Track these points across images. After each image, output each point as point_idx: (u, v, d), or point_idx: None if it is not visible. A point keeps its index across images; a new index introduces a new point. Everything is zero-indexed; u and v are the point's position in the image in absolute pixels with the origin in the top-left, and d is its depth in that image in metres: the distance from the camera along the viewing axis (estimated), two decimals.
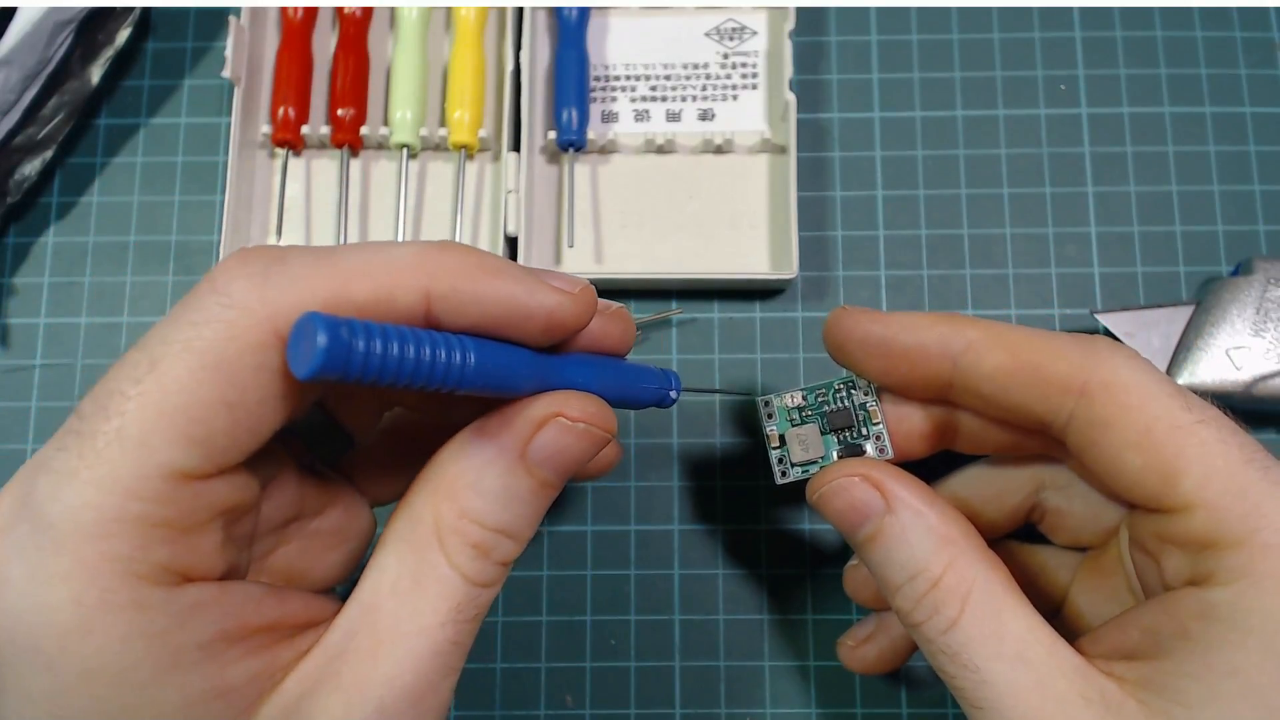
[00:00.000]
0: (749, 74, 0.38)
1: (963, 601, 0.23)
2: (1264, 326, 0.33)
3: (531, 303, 0.21)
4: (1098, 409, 0.23)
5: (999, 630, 0.22)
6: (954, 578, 0.23)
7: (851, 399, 0.28)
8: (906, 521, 0.24)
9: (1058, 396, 0.23)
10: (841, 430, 0.28)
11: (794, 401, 0.28)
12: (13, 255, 0.38)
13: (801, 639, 0.34)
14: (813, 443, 0.28)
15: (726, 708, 0.33)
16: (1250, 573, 0.21)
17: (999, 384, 0.24)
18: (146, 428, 0.18)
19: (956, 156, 0.38)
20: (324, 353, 0.16)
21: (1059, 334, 0.24)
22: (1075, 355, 0.23)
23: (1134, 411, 0.22)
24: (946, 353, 0.25)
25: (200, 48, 0.39)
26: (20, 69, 0.35)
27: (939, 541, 0.24)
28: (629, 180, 0.37)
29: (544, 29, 0.38)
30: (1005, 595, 0.23)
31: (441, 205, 0.37)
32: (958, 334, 0.24)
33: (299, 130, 0.37)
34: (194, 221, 0.38)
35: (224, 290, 0.19)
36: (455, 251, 0.20)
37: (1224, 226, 0.37)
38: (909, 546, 0.24)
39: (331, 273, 0.19)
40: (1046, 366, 0.23)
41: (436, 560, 0.21)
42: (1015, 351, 0.24)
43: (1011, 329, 0.24)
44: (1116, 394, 0.23)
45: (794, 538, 0.34)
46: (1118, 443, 0.23)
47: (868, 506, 0.25)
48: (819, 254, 0.37)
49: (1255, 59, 0.38)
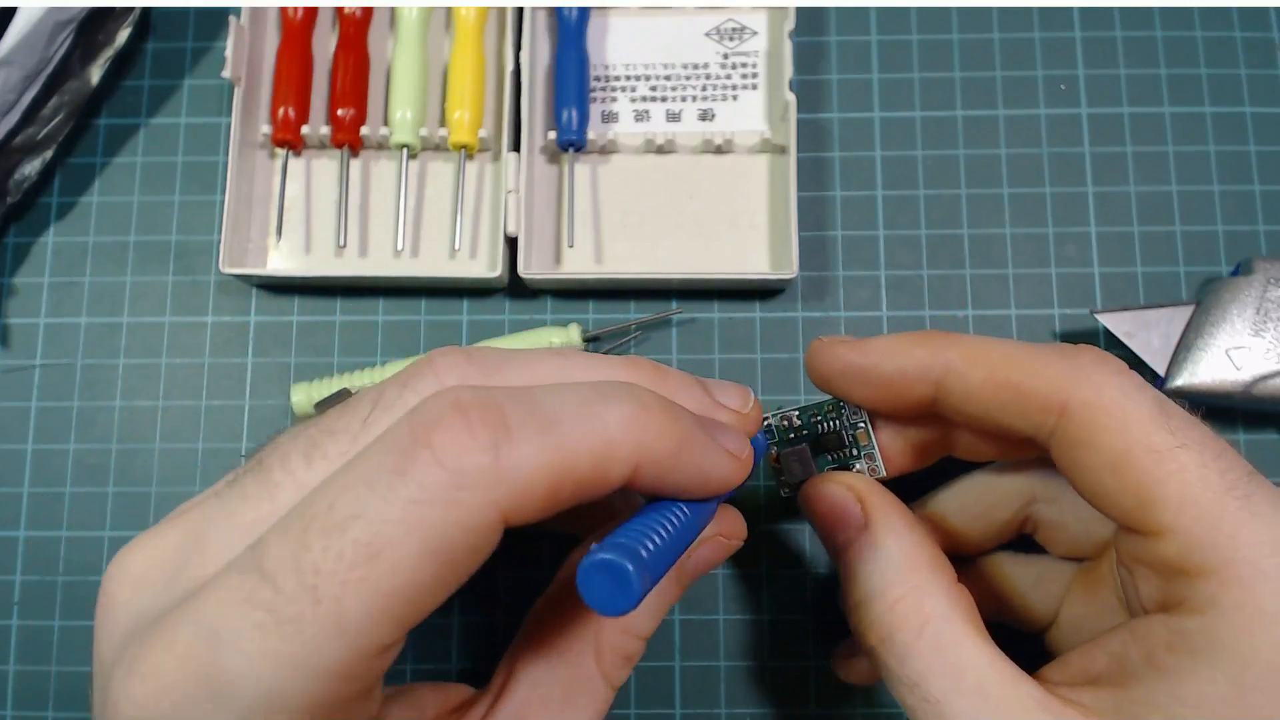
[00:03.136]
0: (749, 74, 0.38)
1: (918, 631, 0.23)
2: (1264, 326, 0.33)
3: (714, 477, 0.21)
4: (1076, 429, 0.23)
5: (958, 662, 0.22)
6: (911, 605, 0.23)
7: (842, 420, 0.28)
8: (879, 539, 0.25)
9: (1038, 415, 0.23)
10: (834, 451, 0.28)
11: (788, 423, 0.29)
12: (13, 255, 0.38)
13: (802, 639, 0.34)
14: (806, 462, 0.28)
15: (726, 708, 0.33)
16: (1220, 603, 0.20)
17: (981, 404, 0.24)
18: (364, 614, 0.17)
19: (956, 156, 0.38)
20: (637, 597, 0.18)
21: (1042, 348, 0.24)
22: (1056, 372, 0.23)
23: (1112, 434, 0.22)
24: (927, 377, 0.25)
25: (200, 48, 0.39)
26: (20, 69, 0.35)
27: (906, 567, 0.24)
28: (629, 180, 0.37)
29: (544, 29, 0.38)
30: (965, 629, 0.23)
31: (441, 205, 0.37)
32: (936, 357, 0.24)
33: (299, 130, 0.37)
34: (194, 221, 0.38)
35: (453, 467, 0.17)
36: (658, 417, 0.20)
37: (1224, 226, 0.37)
38: (875, 564, 0.24)
39: (556, 449, 0.18)
40: (1026, 385, 0.23)
41: (591, 673, 0.22)
42: (994, 371, 0.24)
43: (991, 347, 0.24)
44: (1096, 414, 0.22)
45: (794, 538, 0.34)
46: (1096, 464, 0.22)
47: (847, 515, 0.25)
48: (819, 254, 0.37)
49: (1255, 59, 0.38)
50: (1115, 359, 0.23)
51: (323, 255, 0.37)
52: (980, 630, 0.23)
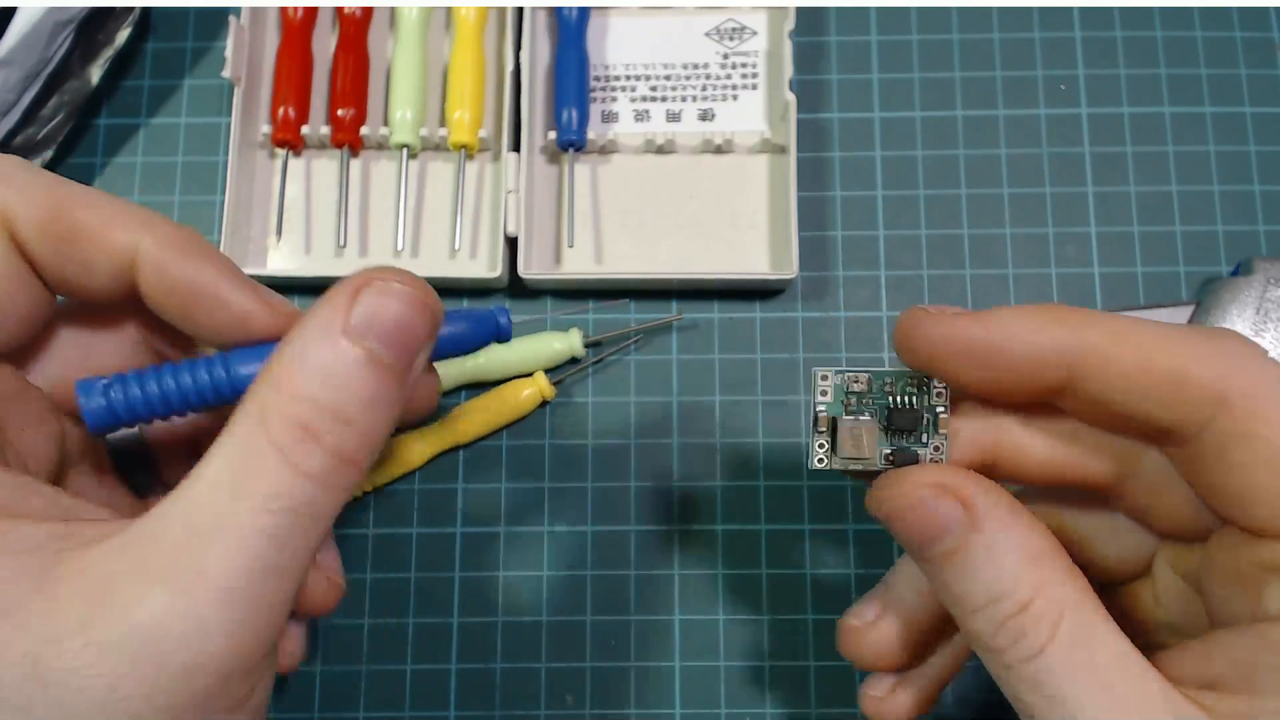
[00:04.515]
0: (749, 74, 0.38)
1: (1053, 628, 0.21)
2: (1264, 326, 0.33)
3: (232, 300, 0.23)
4: (1238, 421, 0.20)
5: (1090, 659, 0.21)
6: (1045, 602, 0.21)
7: (926, 399, 0.24)
8: (993, 538, 0.22)
9: (1196, 406, 0.21)
10: (902, 432, 0.24)
11: (857, 385, 0.24)
12: None
13: (802, 639, 0.34)
14: (869, 440, 0.24)
15: (726, 708, 0.33)
16: None
17: (1128, 391, 0.21)
18: None
19: (956, 156, 0.38)
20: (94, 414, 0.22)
21: (1186, 331, 0.22)
22: (1213, 360, 0.21)
23: (1275, 427, 0.20)
24: (1064, 360, 0.22)
25: (200, 48, 0.39)
26: (20, 69, 0.35)
27: (1028, 561, 0.21)
28: (629, 180, 0.37)
29: (544, 29, 0.38)
30: (1096, 621, 0.21)
31: (441, 205, 0.37)
32: (1076, 336, 0.22)
33: (299, 130, 0.37)
34: (194, 221, 0.38)
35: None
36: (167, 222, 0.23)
37: (1224, 226, 0.37)
38: (995, 566, 0.22)
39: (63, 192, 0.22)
40: (1188, 371, 0.21)
41: (259, 444, 0.19)
42: (1149, 355, 0.21)
43: (1139, 327, 0.22)
44: (1260, 405, 0.20)
45: (794, 537, 0.34)
46: (1252, 459, 0.21)
47: (948, 521, 0.22)
48: (819, 254, 0.37)
49: (1255, 59, 0.38)
50: (1256, 345, 0.21)
51: (323, 255, 0.37)
52: (1107, 618, 0.21)
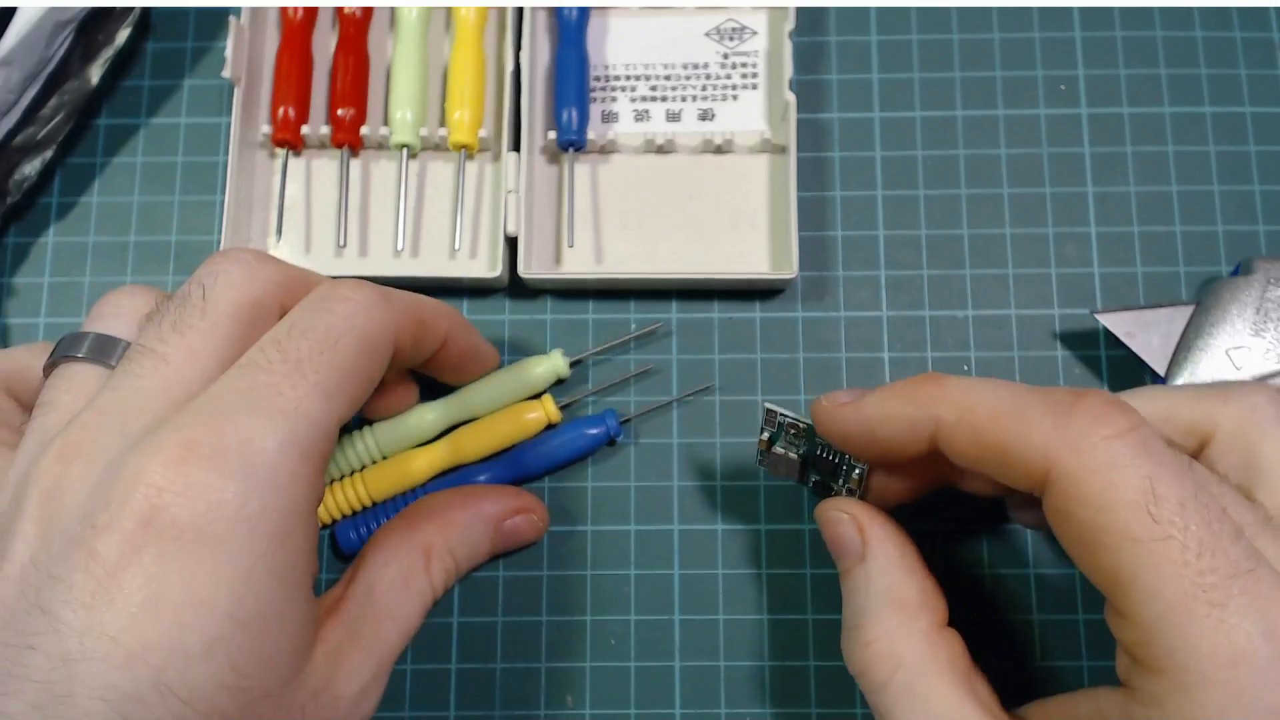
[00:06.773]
0: (749, 74, 0.38)
1: (890, 673, 0.24)
2: (1264, 326, 0.33)
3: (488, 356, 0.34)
4: (1056, 499, 0.22)
5: (926, 710, 0.24)
6: (883, 649, 0.25)
7: (845, 458, 0.29)
8: (871, 574, 0.26)
9: (1023, 480, 0.23)
10: (824, 475, 0.30)
11: (794, 429, 0.29)
12: (13, 255, 0.38)
13: (801, 639, 0.34)
14: (793, 470, 0.30)
15: (726, 708, 0.33)
16: (1165, 705, 0.21)
17: (976, 459, 0.24)
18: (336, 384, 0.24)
19: (956, 156, 0.38)
20: None
21: (1037, 399, 0.23)
22: (1042, 435, 0.22)
23: (1092, 511, 0.21)
24: (920, 434, 0.25)
25: (200, 48, 0.39)
26: (20, 69, 0.35)
27: (887, 607, 0.26)
28: (629, 180, 0.37)
29: (544, 29, 0.38)
30: (936, 679, 0.24)
31: (441, 205, 0.37)
32: (925, 412, 0.25)
33: (299, 130, 0.37)
34: (194, 221, 0.38)
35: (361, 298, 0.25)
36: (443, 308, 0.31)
37: (1224, 226, 0.37)
38: (862, 598, 0.26)
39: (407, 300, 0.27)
40: (1010, 448, 0.23)
41: (421, 574, 0.28)
42: (979, 432, 0.24)
43: (979, 400, 0.24)
44: (1078, 488, 0.22)
45: (794, 537, 0.34)
46: (1072, 536, 0.22)
47: (849, 545, 0.27)
48: (819, 254, 0.37)
49: (1255, 59, 0.38)
50: (1119, 412, 0.22)
51: (323, 255, 0.37)
52: (956, 676, 0.24)
